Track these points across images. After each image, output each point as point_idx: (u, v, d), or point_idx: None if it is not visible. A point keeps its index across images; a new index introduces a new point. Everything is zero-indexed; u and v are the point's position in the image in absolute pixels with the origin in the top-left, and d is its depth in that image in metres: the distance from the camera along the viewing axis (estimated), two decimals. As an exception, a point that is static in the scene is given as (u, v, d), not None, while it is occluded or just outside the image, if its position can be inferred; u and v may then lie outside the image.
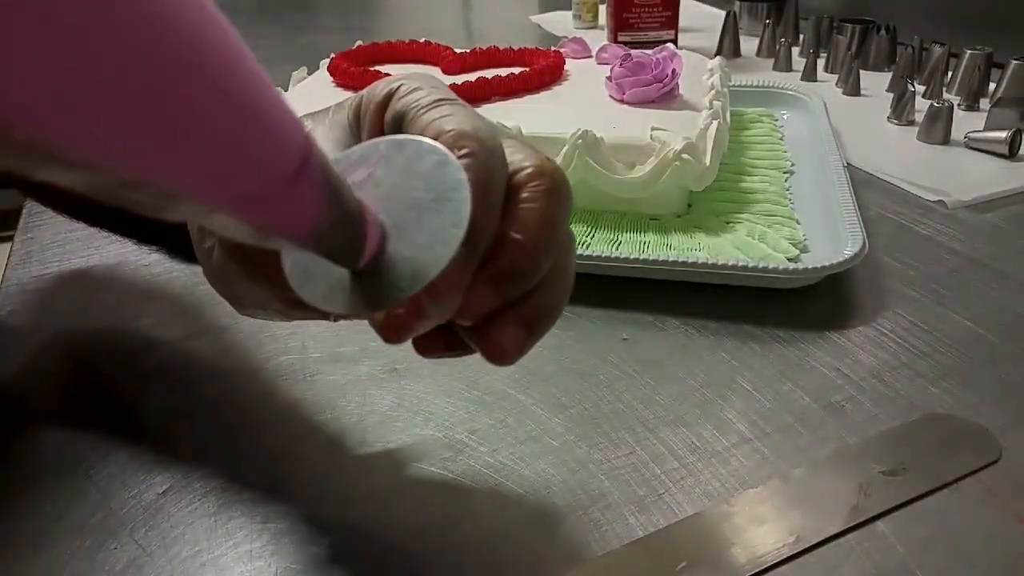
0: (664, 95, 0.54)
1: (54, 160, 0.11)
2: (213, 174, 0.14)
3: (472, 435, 0.34)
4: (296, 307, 0.28)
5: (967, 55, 0.74)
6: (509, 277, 0.21)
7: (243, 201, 0.15)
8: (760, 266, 0.42)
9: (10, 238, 0.52)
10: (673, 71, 0.54)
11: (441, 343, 0.24)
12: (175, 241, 0.30)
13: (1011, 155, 0.61)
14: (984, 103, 0.70)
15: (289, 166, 0.15)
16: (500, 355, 0.22)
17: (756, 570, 0.28)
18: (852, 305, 0.43)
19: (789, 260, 0.45)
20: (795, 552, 0.29)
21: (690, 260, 0.43)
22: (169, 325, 0.43)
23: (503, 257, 0.21)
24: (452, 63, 0.61)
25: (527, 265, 0.21)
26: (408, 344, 0.24)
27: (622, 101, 0.54)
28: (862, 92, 0.77)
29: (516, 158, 0.23)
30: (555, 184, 0.22)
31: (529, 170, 0.22)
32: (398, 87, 0.24)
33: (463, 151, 0.21)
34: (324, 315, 0.28)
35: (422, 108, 0.23)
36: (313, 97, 0.58)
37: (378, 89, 0.24)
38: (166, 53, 0.12)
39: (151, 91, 0.12)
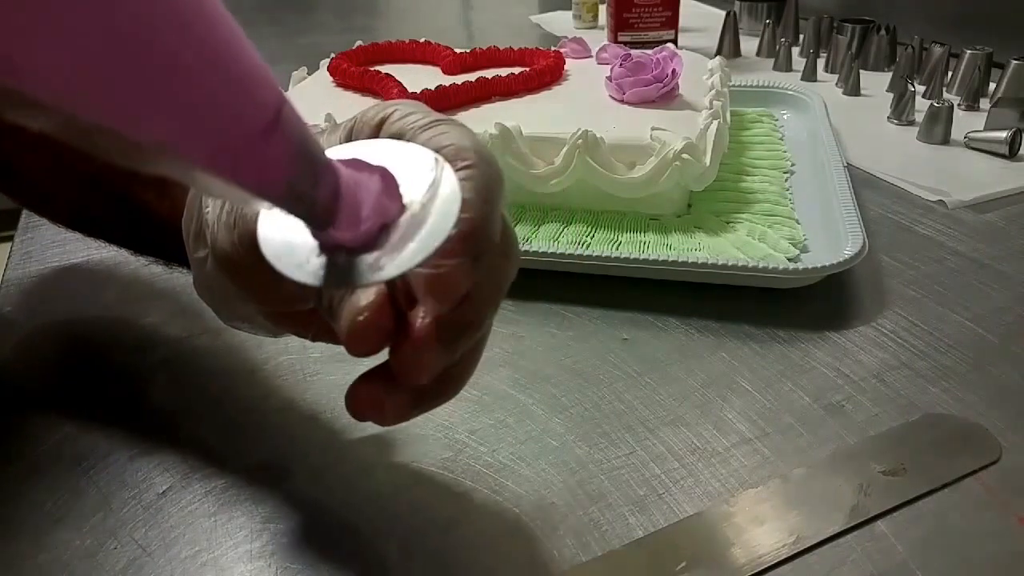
0: (664, 95, 0.54)
1: (19, 100, 0.11)
2: (188, 124, 0.14)
3: (472, 435, 0.34)
4: (282, 322, 0.28)
5: (967, 55, 0.74)
6: (454, 331, 0.22)
7: (218, 153, 0.15)
8: (760, 266, 0.42)
9: (10, 238, 0.52)
10: (673, 71, 0.54)
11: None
12: (172, 251, 0.30)
13: (1011, 155, 0.61)
14: (984, 103, 0.70)
15: (263, 118, 0.15)
16: (369, 414, 0.23)
17: (756, 570, 0.28)
18: (852, 305, 0.43)
19: (789, 260, 0.45)
20: (795, 552, 0.29)
21: (690, 260, 0.43)
22: (170, 325, 0.43)
23: (456, 312, 0.22)
24: (452, 63, 0.61)
25: (472, 319, 0.22)
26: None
27: (622, 101, 0.54)
28: (862, 92, 0.77)
29: None
30: (506, 240, 0.23)
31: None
32: (392, 112, 0.24)
33: (463, 163, 0.21)
34: (308, 334, 0.28)
35: (419, 128, 0.23)
36: (313, 97, 0.58)
37: (371, 114, 0.25)
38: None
39: (126, 38, 0.12)
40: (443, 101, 0.53)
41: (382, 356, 0.23)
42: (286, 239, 0.20)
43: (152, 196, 0.32)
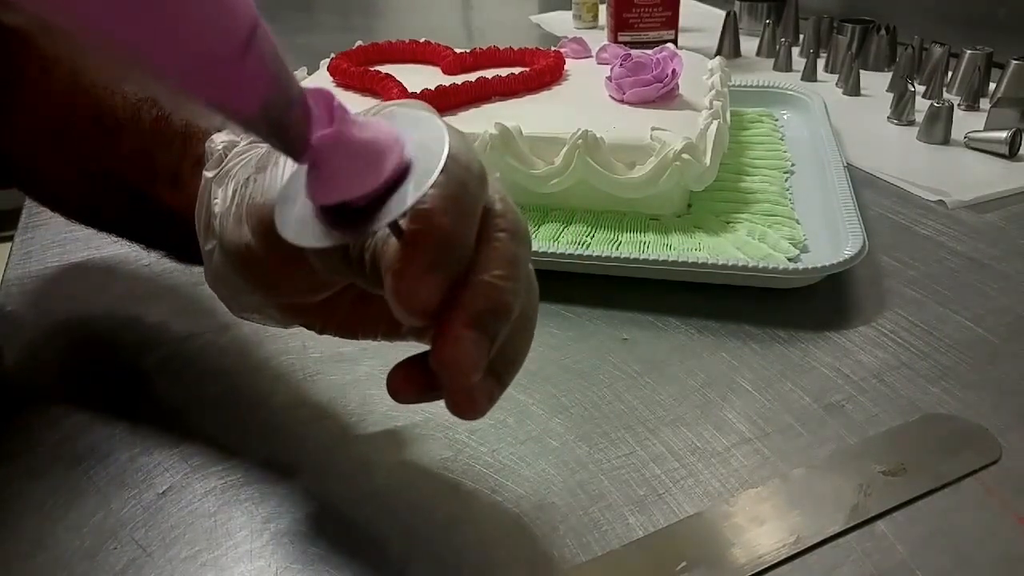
0: (664, 95, 0.54)
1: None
2: (163, 36, 0.14)
3: (472, 435, 0.34)
4: (291, 314, 0.28)
5: (967, 55, 0.74)
6: (487, 317, 0.21)
7: (194, 68, 0.15)
8: (760, 266, 0.42)
9: (10, 238, 0.52)
10: (673, 71, 0.54)
11: (419, 386, 0.24)
12: (188, 247, 0.30)
13: (1011, 155, 0.61)
14: (984, 103, 0.70)
15: (239, 35, 0.15)
16: (471, 410, 0.23)
17: (756, 570, 0.28)
18: (852, 305, 0.43)
19: (789, 260, 0.45)
20: (795, 552, 0.29)
21: (690, 260, 0.43)
22: (169, 325, 0.43)
23: (476, 299, 0.21)
24: (452, 63, 0.61)
25: (500, 303, 0.22)
26: (408, 344, 0.24)
27: (622, 101, 0.54)
28: (862, 92, 0.77)
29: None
30: (515, 224, 0.23)
31: (491, 211, 0.23)
32: (389, 112, 0.24)
33: None
34: (316, 326, 0.29)
35: None
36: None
37: (371, 113, 0.25)
38: None
39: None
40: (443, 101, 0.53)
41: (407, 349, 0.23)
42: (298, 219, 0.21)
43: (165, 190, 0.32)
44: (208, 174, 0.28)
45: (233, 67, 0.15)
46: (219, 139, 0.29)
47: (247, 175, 0.26)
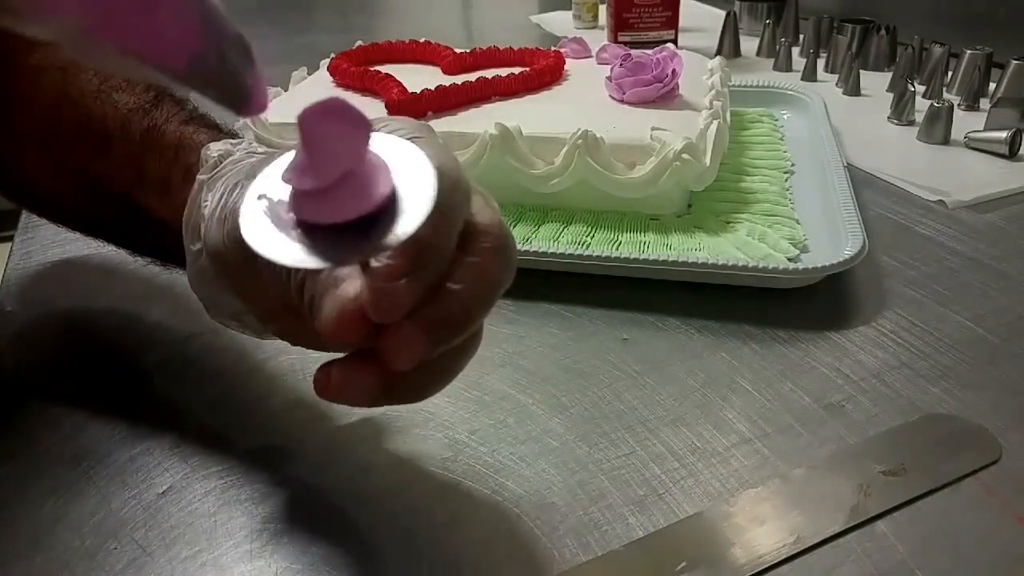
0: (664, 95, 0.54)
1: None
2: None
3: (472, 435, 0.34)
4: (268, 322, 0.28)
5: (967, 55, 0.74)
6: (441, 326, 0.22)
7: (104, 17, 0.15)
8: (760, 266, 0.42)
9: (10, 238, 0.52)
10: (673, 71, 0.54)
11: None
12: (171, 252, 0.30)
13: (1011, 155, 0.61)
14: (984, 103, 0.70)
15: None
16: (329, 393, 0.24)
17: (756, 570, 0.28)
18: (852, 305, 0.43)
19: (789, 260, 0.45)
20: (795, 552, 0.29)
21: (690, 260, 0.43)
22: (169, 324, 0.43)
23: (438, 306, 0.22)
24: (452, 63, 0.61)
25: (460, 317, 0.22)
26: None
27: (622, 101, 0.54)
28: (862, 92, 0.77)
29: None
30: (500, 244, 0.23)
31: (478, 226, 0.23)
32: (380, 128, 0.25)
33: None
34: (291, 337, 0.28)
35: None
36: (313, 97, 0.58)
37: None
38: None
39: None
40: (443, 101, 0.53)
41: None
42: (271, 227, 0.21)
43: (153, 198, 0.32)
44: (202, 177, 0.28)
45: (147, 15, 0.15)
46: (215, 147, 0.30)
47: (237, 180, 0.26)
